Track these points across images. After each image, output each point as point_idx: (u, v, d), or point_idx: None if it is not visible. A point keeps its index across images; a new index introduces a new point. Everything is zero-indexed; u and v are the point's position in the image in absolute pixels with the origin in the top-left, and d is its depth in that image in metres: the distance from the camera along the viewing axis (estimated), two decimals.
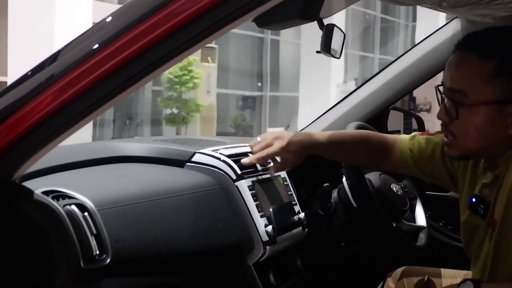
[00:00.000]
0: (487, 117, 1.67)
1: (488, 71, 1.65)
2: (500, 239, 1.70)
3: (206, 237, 1.96)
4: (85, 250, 1.56)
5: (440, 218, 2.85)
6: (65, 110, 1.31)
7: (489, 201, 1.76)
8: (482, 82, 1.65)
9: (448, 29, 2.64)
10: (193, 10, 1.25)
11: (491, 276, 1.77)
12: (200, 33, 1.27)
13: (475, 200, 1.80)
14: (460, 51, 1.72)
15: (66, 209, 1.58)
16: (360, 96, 2.88)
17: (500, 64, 1.64)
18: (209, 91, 13.30)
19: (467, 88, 1.67)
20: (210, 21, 1.26)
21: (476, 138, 1.70)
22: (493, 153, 1.75)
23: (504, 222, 1.68)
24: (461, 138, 1.73)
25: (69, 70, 1.30)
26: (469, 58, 1.69)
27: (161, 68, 1.32)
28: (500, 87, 1.64)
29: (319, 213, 2.33)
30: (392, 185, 2.39)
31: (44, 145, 1.37)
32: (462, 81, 1.69)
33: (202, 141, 2.44)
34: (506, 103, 1.65)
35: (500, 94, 1.65)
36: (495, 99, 1.65)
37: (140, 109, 12.95)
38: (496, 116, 1.66)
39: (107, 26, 1.32)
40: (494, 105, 1.65)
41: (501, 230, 1.69)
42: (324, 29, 1.98)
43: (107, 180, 1.94)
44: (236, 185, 2.11)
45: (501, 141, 1.70)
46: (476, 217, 1.82)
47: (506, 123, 1.66)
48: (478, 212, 1.80)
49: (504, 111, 1.66)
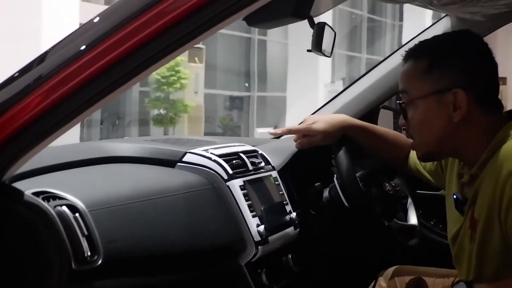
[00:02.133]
0: (429, 110, 1.79)
1: (421, 69, 1.80)
2: (483, 239, 1.72)
3: (198, 237, 1.96)
4: (77, 251, 1.55)
5: (431, 216, 2.85)
6: (54, 111, 1.30)
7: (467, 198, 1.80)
8: (418, 79, 1.81)
9: (438, 27, 2.63)
10: (183, 10, 1.24)
11: (478, 277, 1.78)
12: (190, 33, 1.26)
13: (455, 197, 1.86)
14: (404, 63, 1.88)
15: (57, 210, 1.57)
16: (350, 95, 2.88)
17: (431, 61, 1.80)
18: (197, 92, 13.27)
19: (408, 87, 1.84)
20: (200, 20, 1.26)
21: (428, 133, 1.82)
22: (456, 148, 1.81)
23: (486, 224, 1.70)
24: (416, 137, 1.87)
25: (58, 71, 1.29)
26: (407, 63, 1.86)
27: (150, 68, 1.31)
28: (435, 79, 1.78)
29: (310, 213, 2.33)
30: (384, 184, 2.38)
31: (34, 146, 1.36)
32: (405, 83, 1.85)
33: (192, 141, 2.43)
34: (441, 93, 1.77)
35: (436, 85, 1.78)
36: (431, 91, 1.78)
37: (127, 110, 12.93)
38: (437, 106, 1.78)
39: (94, 26, 1.31)
40: (431, 96, 1.79)
41: (484, 231, 1.71)
42: (315, 28, 1.98)
43: (98, 180, 1.93)
44: (228, 185, 2.10)
45: (454, 132, 1.78)
46: (458, 214, 1.86)
47: (448, 112, 1.76)
48: (459, 209, 1.85)
49: (442, 100, 1.77)
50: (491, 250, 1.71)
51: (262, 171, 2.29)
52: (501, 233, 1.66)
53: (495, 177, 1.66)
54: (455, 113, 1.75)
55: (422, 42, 1.88)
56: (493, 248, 1.70)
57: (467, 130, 1.77)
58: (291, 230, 2.25)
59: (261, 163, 2.31)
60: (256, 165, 2.28)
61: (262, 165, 2.31)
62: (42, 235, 1.51)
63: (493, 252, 1.71)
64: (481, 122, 1.77)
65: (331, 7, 2.35)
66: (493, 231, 1.68)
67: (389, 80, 2.80)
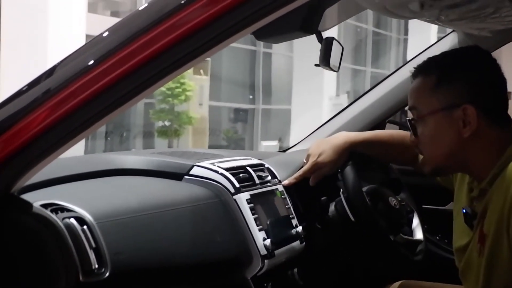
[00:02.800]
0: (439, 126, 1.80)
1: (430, 84, 1.81)
2: (492, 254, 1.73)
3: (205, 250, 1.96)
4: (84, 263, 1.55)
5: (437, 231, 2.85)
6: (62, 125, 1.31)
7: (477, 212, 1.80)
8: (427, 95, 1.82)
9: (445, 42, 2.64)
10: (192, 25, 1.25)
11: None
12: (199, 48, 1.27)
13: (465, 211, 1.86)
14: (412, 78, 1.89)
15: (65, 222, 1.57)
16: (357, 109, 2.89)
17: (440, 76, 1.80)
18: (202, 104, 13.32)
19: (417, 103, 1.85)
20: (209, 35, 1.26)
21: (437, 148, 1.83)
22: (464, 162, 1.81)
23: (495, 239, 1.71)
24: (425, 153, 1.87)
25: (66, 85, 1.29)
26: (416, 80, 1.87)
27: (158, 83, 1.31)
28: (444, 95, 1.79)
29: (316, 227, 2.33)
30: (390, 198, 2.38)
31: (42, 159, 1.37)
32: (414, 100, 1.86)
33: (199, 154, 2.43)
34: (450, 108, 1.78)
35: (445, 101, 1.79)
36: (441, 107, 1.79)
37: (132, 122, 12.95)
38: (446, 122, 1.79)
39: (103, 40, 1.32)
40: (440, 112, 1.79)
41: (493, 246, 1.72)
42: (324, 42, 1.99)
43: (105, 192, 1.93)
44: (235, 198, 2.10)
45: (463, 147, 1.78)
46: (466, 228, 1.86)
47: (458, 127, 1.77)
48: (468, 223, 1.85)
49: (452, 116, 1.78)
50: (499, 266, 1.71)
51: (269, 184, 2.29)
52: (509, 249, 1.67)
53: (504, 193, 1.66)
54: (465, 128, 1.76)
55: (431, 58, 1.89)
56: (502, 264, 1.70)
57: (476, 145, 1.77)
58: (297, 244, 2.25)
59: (268, 176, 2.31)
60: (263, 179, 2.28)
61: (269, 179, 2.31)
62: (50, 247, 1.51)
63: (501, 268, 1.71)
64: (490, 137, 1.77)
65: (338, 22, 2.37)
66: (502, 247, 1.69)
67: (395, 95, 2.81)
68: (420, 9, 1.86)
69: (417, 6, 1.85)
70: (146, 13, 1.33)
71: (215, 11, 1.25)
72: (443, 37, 2.67)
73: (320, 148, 2.30)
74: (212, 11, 1.25)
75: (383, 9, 1.90)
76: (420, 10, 1.87)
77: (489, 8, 1.93)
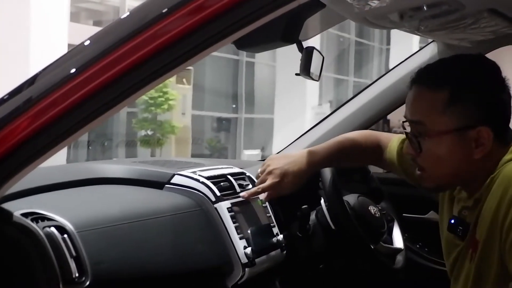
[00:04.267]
0: (450, 146, 1.71)
1: (442, 101, 1.69)
2: (482, 260, 1.71)
3: (186, 259, 1.96)
4: (65, 272, 1.55)
5: (417, 240, 2.86)
6: (43, 134, 1.31)
7: (469, 222, 1.77)
8: (438, 112, 1.70)
9: (425, 52, 2.66)
10: (173, 34, 1.26)
11: None
12: (180, 57, 1.28)
13: (454, 221, 1.82)
14: (415, 86, 1.76)
15: (45, 231, 1.57)
16: (337, 118, 2.90)
17: (452, 93, 1.69)
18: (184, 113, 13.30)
19: (425, 119, 1.72)
20: (190, 45, 1.27)
21: (444, 168, 1.74)
22: (467, 180, 1.76)
23: (486, 244, 1.69)
24: (430, 170, 1.76)
25: (48, 94, 1.30)
26: (422, 91, 1.74)
27: (140, 91, 1.32)
28: (456, 114, 1.69)
29: (297, 235, 2.33)
30: (370, 207, 2.40)
31: (23, 168, 1.37)
32: (420, 113, 1.74)
33: (181, 163, 2.44)
34: (465, 129, 1.69)
35: (458, 121, 1.69)
36: (454, 127, 1.69)
37: (115, 131, 12.90)
38: (459, 143, 1.70)
39: (85, 49, 1.33)
40: (453, 133, 1.69)
41: (483, 251, 1.70)
42: (304, 52, 2.00)
43: (86, 201, 1.93)
44: (215, 207, 2.11)
45: (470, 167, 1.72)
46: (455, 237, 1.83)
47: (470, 148, 1.69)
48: (457, 233, 1.81)
49: (465, 138, 1.69)
50: (489, 271, 1.70)
51: None
52: (499, 254, 1.65)
53: (499, 197, 1.63)
54: (477, 149, 1.69)
55: (439, 68, 1.78)
56: (490, 269, 1.69)
57: (483, 164, 1.71)
58: (278, 252, 2.26)
59: (249, 185, 2.32)
60: (244, 187, 2.29)
61: (250, 187, 2.31)
62: (31, 256, 1.52)
63: (489, 274, 1.70)
64: (497, 155, 1.71)
65: (319, 32, 2.38)
66: (492, 252, 1.67)
67: (377, 104, 2.83)
68: (400, 19, 1.86)
69: (397, 17, 1.85)
70: (128, 22, 1.34)
71: (196, 20, 1.26)
72: (423, 47, 2.69)
73: (282, 169, 2.14)
74: (193, 20, 1.26)
75: (363, 19, 1.90)
76: (400, 21, 1.87)
77: (468, 19, 1.94)
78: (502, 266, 1.66)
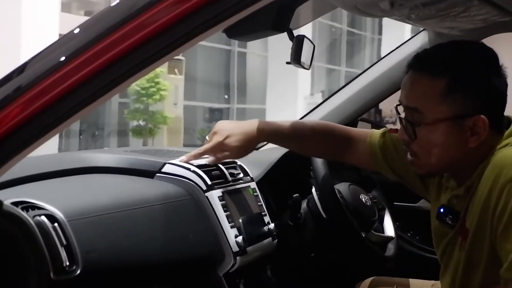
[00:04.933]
0: (445, 134, 1.70)
1: (440, 89, 1.68)
2: (472, 248, 1.71)
3: (177, 248, 1.96)
4: (55, 261, 1.56)
5: (408, 228, 2.87)
6: (33, 122, 1.30)
7: (458, 211, 1.77)
8: (436, 100, 1.68)
9: (416, 41, 2.66)
10: (163, 22, 1.25)
11: (462, 287, 1.79)
12: (170, 45, 1.27)
13: (443, 210, 1.81)
14: (412, 71, 1.74)
15: (36, 220, 1.57)
16: (328, 107, 2.89)
17: (451, 81, 1.67)
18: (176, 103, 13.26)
19: (422, 106, 1.70)
20: (180, 32, 1.26)
21: (438, 155, 1.73)
22: (458, 167, 1.76)
23: (477, 232, 1.69)
24: (423, 157, 1.75)
25: (37, 82, 1.29)
26: (420, 78, 1.72)
27: (130, 79, 1.31)
28: (454, 103, 1.67)
29: (289, 224, 2.33)
30: (361, 195, 2.40)
31: (12, 157, 1.36)
32: (417, 100, 1.72)
33: (172, 152, 2.43)
34: (462, 118, 1.68)
35: (455, 110, 1.68)
36: (451, 115, 1.68)
37: (107, 121, 12.88)
38: (454, 131, 1.69)
39: (75, 37, 1.32)
40: (450, 121, 1.68)
41: (474, 239, 1.70)
42: (295, 40, 2.00)
43: (77, 190, 1.93)
44: (207, 195, 2.11)
45: (464, 155, 1.72)
46: (444, 226, 1.83)
47: (465, 137, 1.69)
48: (446, 222, 1.81)
49: (461, 126, 1.68)
50: (478, 260, 1.70)
51: (241, 182, 2.30)
52: (490, 241, 1.65)
53: (491, 184, 1.62)
54: (472, 138, 1.69)
55: (438, 55, 1.76)
56: (481, 257, 1.70)
57: (477, 152, 1.71)
58: (269, 241, 2.26)
59: (240, 174, 2.32)
60: (235, 176, 2.29)
61: (241, 176, 2.32)
62: (21, 245, 1.51)
63: (479, 261, 1.70)
64: (491, 143, 1.70)
65: (310, 21, 2.38)
66: (483, 240, 1.67)
67: (367, 93, 2.82)
68: (390, 7, 1.85)
69: (387, 5, 1.84)
70: (118, 10, 1.34)
71: (186, 7, 1.25)
72: (413, 36, 2.69)
73: (228, 130, 2.11)
74: (183, 7, 1.25)
75: (354, 7, 1.89)
76: (391, 9, 1.86)
77: (458, 7, 1.94)
78: (493, 253, 1.66)
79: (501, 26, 2.25)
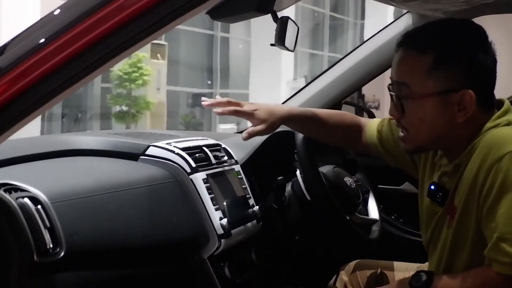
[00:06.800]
0: (432, 109, 1.73)
1: (427, 64, 1.71)
2: (459, 226, 1.73)
3: (161, 230, 1.95)
4: (39, 243, 1.55)
5: (392, 211, 2.88)
6: (13, 104, 1.29)
7: (448, 189, 1.80)
8: (423, 75, 1.72)
9: (400, 24, 2.66)
10: (144, 2, 1.24)
11: (448, 267, 1.80)
12: (152, 26, 1.26)
13: (434, 188, 1.84)
14: (401, 49, 1.78)
15: (18, 202, 1.56)
16: (312, 90, 2.90)
17: (437, 57, 1.71)
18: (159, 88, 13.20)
19: (410, 81, 1.74)
20: (162, 13, 1.25)
21: (427, 130, 1.76)
22: (448, 144, 1.79)
23: (464, 210, 1.71)
24: (412, 132, 1.79)
25: (17, 64, 1.28)
26: (408, 54, 1.76)
27: (111, 62, 1.30)
28: (440, 78, 1.71)
29: (273, 207, 2.33)
30: (346, 178, 2.40)
31: None
32: (405, 75, 1.76)
33: (155, 135, 2.43)
34: (448, 93, 1.71)
35: (441, 85, 1.71)
36: (437, 90, 1.71)
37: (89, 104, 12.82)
38: (441, 106, 1.72)
39: (55, 19, 1.31)
40: (437, 96, 1.72)
41: (461, 217, 1.72)
42: (279, 22, 1.98)
43: (60, 173, 1.92)
44: (191, 178, 2.10)
45: (453, 131, 1.74)
46: (434, 204, 1.85)
47: (452, 112, 1.72)
48: (436, 199, 1.84)
49: (448, 101, 1.72)
50: (465, 238, 1.73)
51: (225, 165, 2.29)
52: (476, 221, 1.68)
53: (479, 163, 1.65)
54: (459, 113, 1.71)
55: (426, 32, 1.80)
56: (467, 236, 1.72)
57: (466, 129, 1.73)
58: (254, 224, 2.26)
59: (224, 157, 2.32)
60: (219, 159, 2.28)
61: (225, 159, 2.31)
62: (3, 227, 1.50)
63: (466, 240, 1.72)
64: (480, 120, 1.73)
65: (294, 2, 2.37)
66: (470, 218, 1.70)
67: (351, 76, 2.83)
68: None
69: None
70: None
71: None
72: (397, 18, 2.69)
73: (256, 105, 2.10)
74: None
75: None
76: None
77: None
78: (478, 233, 1.68)
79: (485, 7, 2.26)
